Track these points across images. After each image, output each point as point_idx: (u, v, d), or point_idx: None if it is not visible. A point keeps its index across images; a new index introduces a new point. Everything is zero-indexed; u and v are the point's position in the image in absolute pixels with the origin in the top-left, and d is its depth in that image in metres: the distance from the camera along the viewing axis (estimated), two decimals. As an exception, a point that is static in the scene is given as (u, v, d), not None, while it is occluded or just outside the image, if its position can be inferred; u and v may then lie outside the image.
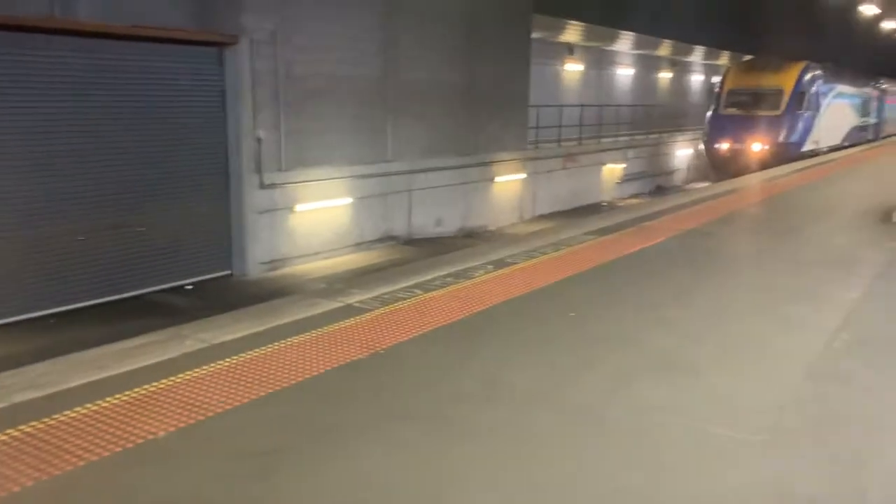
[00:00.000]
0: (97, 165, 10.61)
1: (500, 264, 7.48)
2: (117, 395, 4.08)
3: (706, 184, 23.83)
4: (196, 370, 4.48)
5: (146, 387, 4.21)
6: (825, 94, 25.49)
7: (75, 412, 3.86)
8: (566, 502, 3.12)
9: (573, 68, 28.67)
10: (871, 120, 33.33)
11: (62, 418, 3.78)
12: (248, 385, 4.27)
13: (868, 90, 32.23)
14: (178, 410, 3.92)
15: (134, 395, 4.10)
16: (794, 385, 4.41)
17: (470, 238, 17.54)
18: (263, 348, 4.87)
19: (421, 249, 15.28)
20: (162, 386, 4.24)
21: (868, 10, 26.92)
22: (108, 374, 4.38)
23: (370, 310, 5.78)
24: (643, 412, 4.01)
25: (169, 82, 11.48)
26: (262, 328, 5.28)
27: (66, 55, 10.22)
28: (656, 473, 3.36)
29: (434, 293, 6.33)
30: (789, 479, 3.32)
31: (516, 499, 3.15)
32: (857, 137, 30.49)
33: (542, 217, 21.50)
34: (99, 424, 3.73)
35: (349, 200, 14.76)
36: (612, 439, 3.71)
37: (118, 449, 3.49)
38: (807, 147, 24.14)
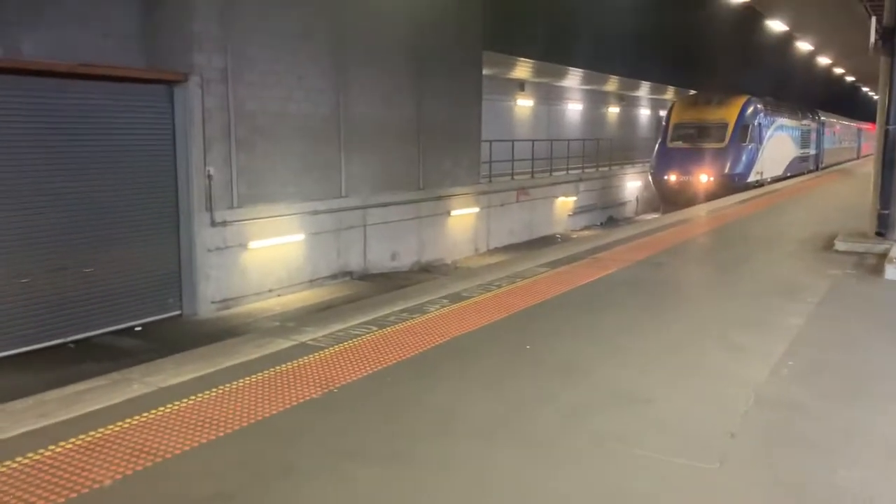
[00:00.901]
0: (41, 206, 10.37)
1: (455, 298, 7.49)
2: (60, 443, 3.94)
3: (656, 215, 24.34)
4: (144, 415, 4.35)
5: (91, 433, 4.08)
6: (767, 126, 26.36)
7: (16, 462, 3.71)
8: (523, 538, 3.11)
9: (524, 103, 29.20)
10: (812, 151, 34.51)
11: (1, 469, 3.64)
12: (198, 429, 4.17)
13: (808, 122, 33.42)
14: (125, 457, 3.80)
15: (78, 442, 3.97)
16: (744, 412, 4.48)
17: (426, 272, 17.55)
18: (214, 390, 4.76)
19: (376, 285, 15.23)
20: (108, 432, 4.11)
21: (804, 47, 28.05)
22: (50, 421, 4.23)
23: (324, 347, 5.72)
24: (599, 443, 4.03)
25: (117, 121, 11.35)
26: (212, 369, 5.17)
27: (6, 94, 10.01)
28: (613, 502, 3.37)
29: (389, 329, 6.30)
30: (742, 507, 3.36)
31: (473, 537, 3.12)
32: (799, 168, 31.51)
33: (497, 250, 21.66)
34: (41, 475, 3.59)
35: (302, 237, 14.67)
36: (568, 471, 3.71)
37: (61, 500, 3.36)
38: (751, 178, 24.86)
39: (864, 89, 58.02)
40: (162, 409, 4.46)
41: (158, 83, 11.99)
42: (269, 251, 13.85)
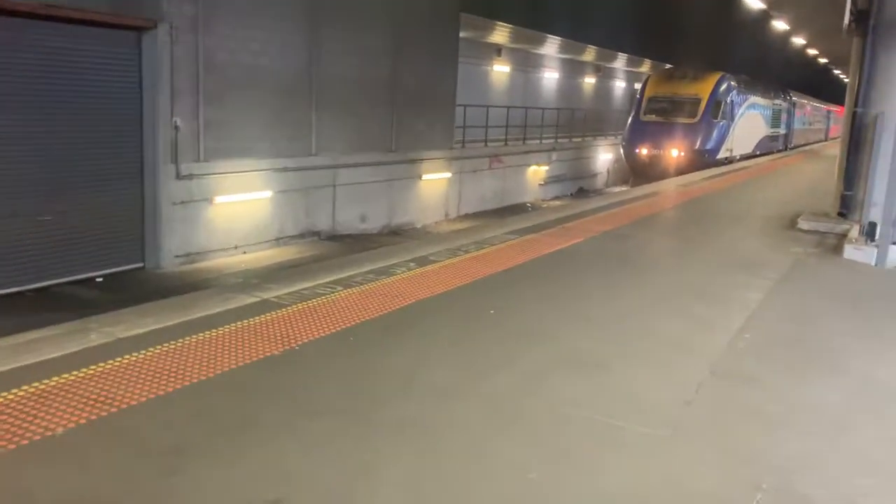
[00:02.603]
0: (-3, 151, 10.07)
1: (422, 262, 7.48)
2: (12, 390, 3.88)
3: (626, 187, 24.48)
4: (100, 364, 4.30)
5: (45, 381, 4.02)
6: (739, 104, 26.54)
7: (-35, 408, 3.65)
8: (475, 494, 3.14)
9: (501, 69, 28.96)
10: (782, 130, 34.88)
11: (-49, 414, 3.58)
12: (157, 380, 4.13)
13: (779, 102, 33.71)
14: (80, 406, 3.76)
15: (31, 389, 3.91)
16: (700, 382, 4.56)
17: (395, 235, 17.50)
18: (174, 343, 4.72)
19: (344, 246, 15.16)
20: (62, 381, 4.06)
21: (780, 26, 28.15)
22: (1, 368, 4.16)
23: (287, 305, 5.69)
24: (556, 407, 4.08)
25: (80, 65, 11.01)
26: (172, 322, 5.12)
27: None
28: (566, 465, 3.42)
29: (354, 289, 6.28)
30: (689, 473, 3.43)
31: (427, 491, 3.15)
32: (769, 147, 31.86)
33: (468, 216, 21.65)
34: (-9, 421, 3.54)
35: (270, 194, 14.50)
36: (524, 433, 3.75)
37: (12, 447, 3.32)
38: (721, 154, 25.08)
39: (836, 72, 58.61)
40: (120, 359, 4.41)
41: (126, 29, 11.63)
42: (235, 207, 13.66)
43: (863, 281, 7.88)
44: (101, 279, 11.30)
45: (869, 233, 8.77)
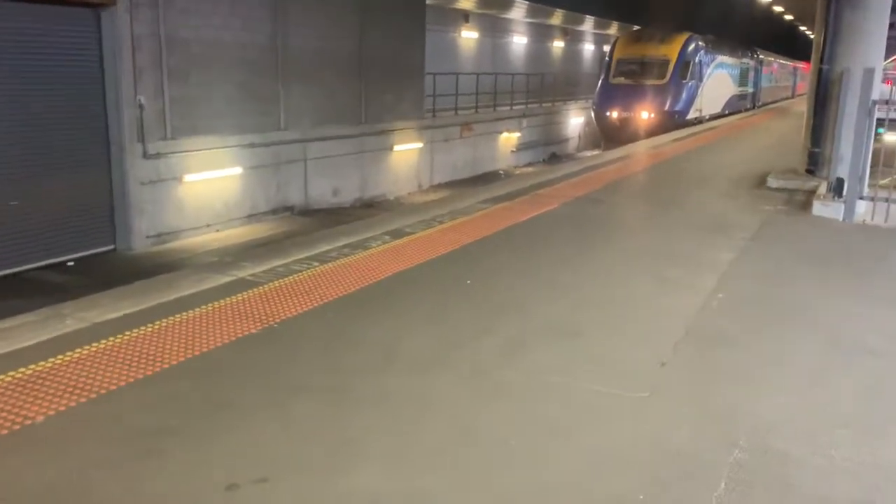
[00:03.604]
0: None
1: (397, 234, 7.47)
2: (-12, 381, 3.84)
3: (598, 151, 24.56)
4: (77, 351, 4.27)
5: (22, 370, 3.99)
6: (707, 64, 26.62)
7: (-59, 401, 3.61)
8: (459, 464, 3.19)
9: (469, 36, 28.72)
10: (750, 89, 35.10)
11: (-74, 408, 3.54)
12: (134, 364, 4.11)
13: (747, 61, 33.87)
14: (58, 393, 3.73)
15: (7, 378, 3.87)
16: (675, 343, 4.64)
17: (368, 208, 17.43)
18: (150, 326, 4.69)
19: (317, 220, 15.08)
20: (39, 368, 4.02)
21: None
22: (-24, 358, 4.11)
23: (263, 283, 5.67)
24: (534, 375, 4.13)
25: (40, 46, 10.73)
26: (148, 305, 5.08)
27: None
28: (545, 431, 3.48)
29: (330, 265, 6.26)
30: (667, 433, 3.50)
31: (411, 463, 3.19)
32: (737, 106, 32.08)
33: (441, 186, 21.61)
34: (-32, 413, 3.51)
35: (240, 170, 14.34)
36: (505, 402, 3.80)
37: (-9, 437, 3.29)
38: (691, 115, 25.21)
39: (802, 28, 58.91)
40: (96, 344, 4.37)
41: (83, 6, 11.33)
42: (205, 185, 13.50)
43: (831, 237, 8.02)
44: (72, 263, 11.15)
45: (836, 189, 8.91)
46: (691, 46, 25.27)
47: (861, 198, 8.65)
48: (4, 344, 4.31)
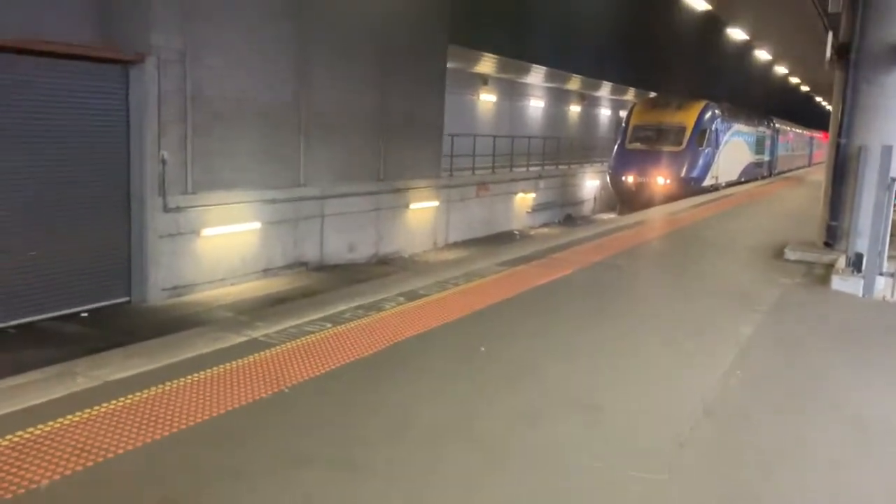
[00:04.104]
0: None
1: (411, 296, 7.44)
2: (-4, 440, 3.80)
3: (613, 214, 24.61)
4: (87, 411, 4.22)
5: (30, 430, 3.94)
6: (724, 131, 26.81)
7: (-53, 460, 3.56)
8: (471, 549, 3.09)
9: (487, 98, 29.21)
10: (766, 157, 35.24)
11: (-68, 467, 3.49)
12: (144, 427, 4.06)
13: (763, 129, 34.10)
14: (66, 456, 3.68)
15: (15, 439, 3.83)
16: (693, 421, 4.53)
17: (383, 265, 17.47)
18: (161, 386, 4.65)
19: (332, 276, 15.11)
20: (48, 429, 3.98)
21: (763, 55, 28.59)
22: (-14, 416, 4.08)
23: (276, 344, 5.63)
24: (549, 449, 4.03)
25: (69, 99, 11.01)
26: (160, 364, 5.04)
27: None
28: (561, 516, 3.37)
29: (344, 326, 6.22)
30: (688, 519, 3.39)
31: (421, 546, 3.09)
32: (753, 174, 32.16)
33: (456, 244, 21.68)
34: (-27, 474, 3.45)
35: (258, 225, 14.46)
36: (516, 480, 3.70)
37: (-6, 501, 3.24)
38: (707, 182, 25.28)
39: (818, 99, 59.48)
40: (106, 404, 4.33)
41: (113, 63, 11.66)
42: (223, 239, 13.61)
43: (851, 313, 7.91)
44: (85, 314, 11.18)
45: (855, 263, 8.82)
46: (708, 114, 25.50)
47: (881, 274, 8.55)
48: (15, 402, 4.28)
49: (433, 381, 5.11)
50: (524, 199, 26.93)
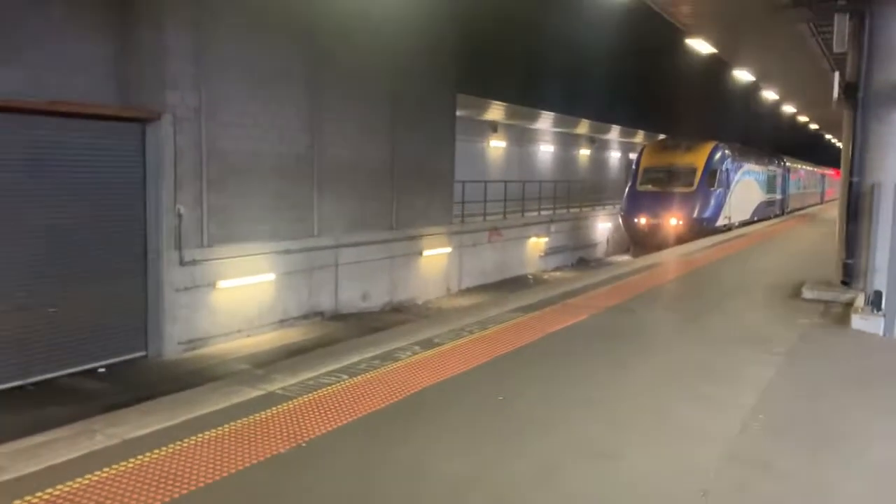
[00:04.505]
0: (6, 242, 10.15)
1: (426, 345, 7.43)
2: (15, 502, 3.79)
3: (626, 256, 24.57)
4: (105, 470, 4.22)
5: (49, 490, 3.94)
6: (735, 171, 26.87)
7: (-33, 523, 3.57)
8: None
9: (497, 145, 29.51)
10: (777, 196, 35.22)
11: (-48, 531, 3.49)
12: (162, 486, 4.05)
13: (773, 167, 34.15)
14: (84, 517, 3.67)
15: (34, 500, 3.83)
16: (716, 469, 4.47)
17: (397, 312, 17.47)
18: (178, 443, 4.64)
19: (347, 325, 15.11)
20: (68, 489, 3.98)
21: (770, 95, 28.78)
22: (4, 477, 4.08)
23: (293, 397, 5.62)
24: (569, 502, 3.98)
25: (87, 158, 11.24)
26: (177, 420, 5.05)
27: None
28: (585, 571, 3.32)
29: (359, 377, 6.22)
30: (715, 572, 3.32)
31: None
32: (766, 212, 32.11)
33: (469, 290, 21.67)
34: (-6, 537, 3.45)
35: (273, 276, 14.55)
36: (540, 534, 3.65)
37: (14, 565, 3.23)
38: (720, 222, 25.25)
39: (827, 136, 59.58)
40: (125, 463, 4.33)
41: (131, 121, 11.91)
42: (238, 291, 13.69)
43: (873, 353, 7.81)
44: (103, 370, 11.22)
45: (875, 302, 8.75)
46: (718, 154, 25.60)
47: (901, 311, 8.47)
48: (35, 462, 4.29)
49: (450, 432, 5.08)
50: (536, 244, 26.97)
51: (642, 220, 24.88)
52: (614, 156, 41.69)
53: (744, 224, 27.62)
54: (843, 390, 6.34)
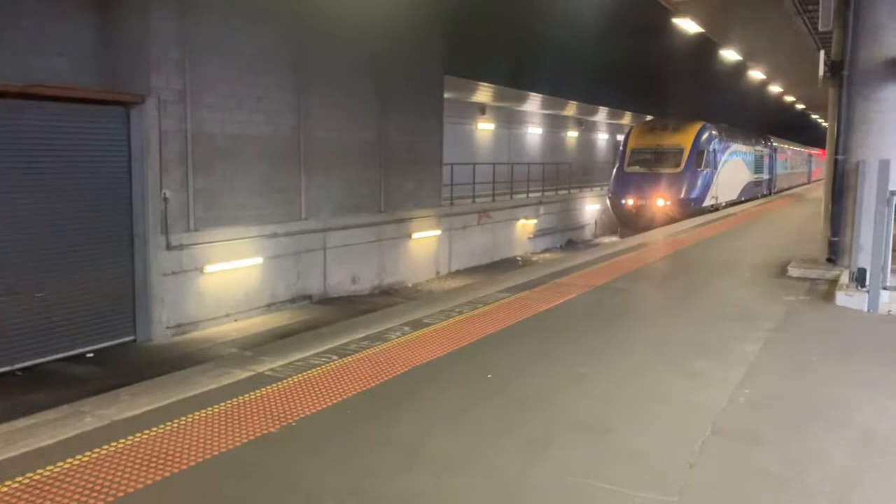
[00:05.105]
0: (-8, 228, 10.10)
1: (417, 325, 7.45)
2: (6, 483, 3.79)
3: (614, 237, 24.66)
4: (95, 451, 4.22)
5: (40, 471, 3.94)
6: (722, 152, 26.95)
7: (-43, 504, 3.56)
8: (485, 578, 3.07)
9: (485, 127, 29.45)
10: (765, 176, 35.36)
11: (-59, 512, 3.49)
12: (153, 465, 4.06)
13: (760, 148, 34.27)
14: (74, 497, 3.67)
15: (25, 481, 3.83)
16: (703, 442, 4.51)
17: (387, 295, 17.48)
18: (168, 424, 4.65)
19: (336, 309, 15.11)
20: (57, 470, 3.97)
21: (757, 75, 28.84)
22: (-5, 459, 4.08)
23: (282, 378, 5.63)
24: (561, 475, 4.02)
25: (71, 142, 11.14)
26: (167, 401, 5.05)
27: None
28: (574, 541, 3.35)
29: (350, 358, 6.23)
30: (702, 541, 3.37)
31: (434, 577, 3.07)
32: (753, 192, 32.26)
33: (459, 272, 21.70)
34: (-16, 517, 3.45)
35: (261, 260, 14.51)
36: (529, 507, 3.69)
37: (5, 544, 3.23)
38: (707, 202, 25.36)
39: (814, 116, 59.79)
40: (115, 444, 4.33)
41: (114, 104, 11.80)
42: (226, 275, 13.65)
43: (857, 328, 7.89)
44: (91, 354, 11.18)
45: (859, 278, 8.82)
46: (705, 135, 25.66)
47: (885, 288, 8.54)
48: (25, 443, 4.28)
49: (441, 410, 5.10)
50: (525, 226, 27.01)
51: (630, 202, 24.95)
52: (602, 137, 41.72)
53: (731, 204, 27.75)
54: (828, 364, 6.41)
